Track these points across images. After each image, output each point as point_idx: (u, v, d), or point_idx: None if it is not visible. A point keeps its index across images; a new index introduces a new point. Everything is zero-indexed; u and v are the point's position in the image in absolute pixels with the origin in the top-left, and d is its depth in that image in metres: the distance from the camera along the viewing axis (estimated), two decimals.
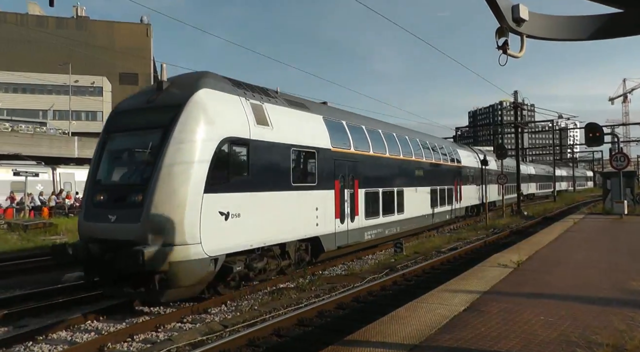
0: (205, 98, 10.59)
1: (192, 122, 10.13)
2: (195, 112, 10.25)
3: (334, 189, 15.05)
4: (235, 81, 12.40)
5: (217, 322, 9.70)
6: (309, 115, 14.60)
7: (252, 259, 11.61)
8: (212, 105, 10.61)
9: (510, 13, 5.33)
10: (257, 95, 12.54)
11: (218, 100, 10.95)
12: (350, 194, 16.11)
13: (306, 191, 13.65)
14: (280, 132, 12.57)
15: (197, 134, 10.07)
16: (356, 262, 16.74)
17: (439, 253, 18.26)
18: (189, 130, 10.04)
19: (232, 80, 12.28)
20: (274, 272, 12.99)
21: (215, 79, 11.52)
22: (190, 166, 9.81)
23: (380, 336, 6.41)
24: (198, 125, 10.13)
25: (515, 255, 12.27)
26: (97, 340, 8.47)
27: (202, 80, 11.06)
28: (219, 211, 10.29)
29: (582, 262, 11.78)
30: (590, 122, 26.98)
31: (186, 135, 9.97)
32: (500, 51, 5.53)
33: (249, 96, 12.05)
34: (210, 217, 10.07)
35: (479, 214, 32.92)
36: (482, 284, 9.45)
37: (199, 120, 10.20)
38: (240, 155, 11.22)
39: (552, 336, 6.25)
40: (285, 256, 13.16)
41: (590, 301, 8.00)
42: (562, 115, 52.11)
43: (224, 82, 11.77)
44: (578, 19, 5.62)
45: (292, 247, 13.38)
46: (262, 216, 11.64)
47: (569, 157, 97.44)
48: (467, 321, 7.00)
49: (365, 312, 10.14)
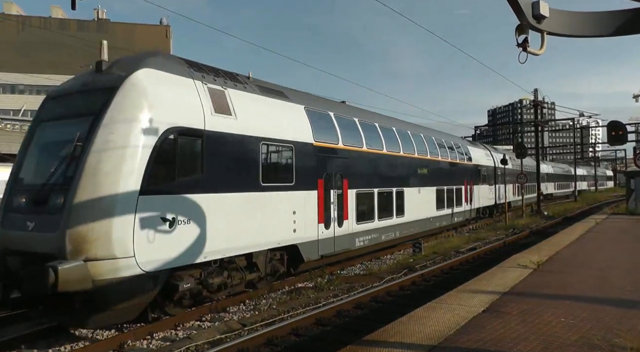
0: (145, 80, 8.94)
1: (127, 107, 8.53)
2: (131, 96, 8.66)
3: (316, 189, 13.18)
4: (193, 63, 10.70)
5: (236, 321, 9.75)
6: (287, 104, 12.73)
7: (208, 273, 9.94)
8: (154, 89, 8.95)
9: (531, 10, 5.27)
10: (219, 79, 10.79)
11: (164, 83, 9.28)
12: (338, 195, 14.25)
13: (280, 191, 11.79)
14: (247, 122, 10.84)
15: (133, 122, 8.43)
16: (374, 262, 16.69)
17: (458, 253, 18.11)
18: (122, 118, 8.44)
19: (188, 62, 10.58)
20: (239, 286, 11.12)
21: (164, 58, 9.98)
22: (121, 162, 8.16)
23: (399, 336, 6.38)
24: (134, 112, 8.52)
25: (535, 256, 12.11)
26: (117, 338, 8.59)
27: (146, 60, 9.40)
28: (160, 217, 8.60)
29: (604, 264, 11.57)
30: (613, 120, 26.37)
31: (119, 123, 8.38)
32: (520, 49, 5.47)
33: (207, 80, 10.32)
34: (149, 225, 8.40)
35: (492, 216, 31.90)
36: (502, 285, 9.34)
37: (136, 106, 8.58)
38: (191, 148, 9.46)
39: (573, 338, 6.15)
40: (253, 267, 11.32)
41: (613, 303, 7.85)
42: (584, 113, 51.19)
43: (175, 62, 10.13)
44: (600, 15, 5.52)
45: (262, 258, 11.45)
46: (220, 222, 9.90)
47: (590, 156, 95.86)
48: (486, 322, 6.93)
49: (384, 312, 10.11)
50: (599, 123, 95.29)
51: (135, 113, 8.54)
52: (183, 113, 9.35)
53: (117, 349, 8.31)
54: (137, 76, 8.90)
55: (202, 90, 10.00)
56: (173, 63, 10.01)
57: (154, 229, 8.52)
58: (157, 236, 8.54)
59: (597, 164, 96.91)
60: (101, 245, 7.81)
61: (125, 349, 8.32)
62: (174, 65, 9.96)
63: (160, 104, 8.96)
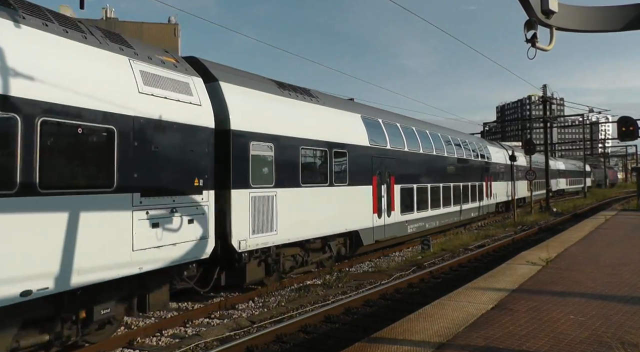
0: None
1: None
2: None
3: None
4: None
5: (245, 318, 9.79)
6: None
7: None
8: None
9: (539, 5, 5.23)
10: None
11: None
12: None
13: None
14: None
15: None
16: (383, 259, 16.69)
17: (467, 250, 18.06)
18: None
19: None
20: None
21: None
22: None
23: (408, 333, 6.38)
24: None
25: (544, 253, 12.06)
26: (127, 335, 8.64)
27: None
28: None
29: (614, 261, 11.50)
30: (624, 116, 26.22)
31: None
32: (529, 44, 5.43)
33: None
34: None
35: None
36: (511, 282, 9.31)
37: None
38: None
39: (583, 335, 6.12)
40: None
41: (623, 301, 7.81)
42: (593, 109, 50.74)
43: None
44: (610, 10, 5.47)
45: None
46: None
47: (600, 152, 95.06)
48: (495, 319, 6.91)
49: (392, 310, 10.11)
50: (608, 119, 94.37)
51: None
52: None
53: (127, 345, 8.37)
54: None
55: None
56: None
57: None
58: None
59: (607, 160, 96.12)
60: None
61: (135, 346, 8.38)
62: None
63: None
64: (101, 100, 7.56)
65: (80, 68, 7.36)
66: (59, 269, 6.82)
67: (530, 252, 12.94)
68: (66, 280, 6.90)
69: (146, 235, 8.09)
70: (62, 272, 6.85)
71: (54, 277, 6.73)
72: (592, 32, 5.70)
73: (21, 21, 6.79)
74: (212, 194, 9.56)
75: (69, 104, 7.05)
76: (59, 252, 6.81)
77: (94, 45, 7.81)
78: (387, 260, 16.55)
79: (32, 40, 6.82)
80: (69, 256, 6.93)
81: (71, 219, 7.02)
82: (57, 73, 6.97)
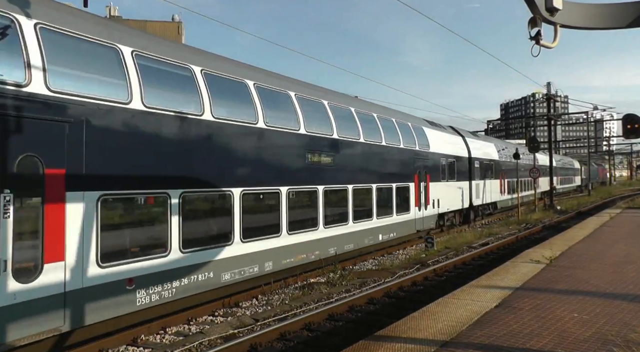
0: None
1: None
2: None
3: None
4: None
5: (249, 316, 9.81)
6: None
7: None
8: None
9: (543, 2, 5.20)
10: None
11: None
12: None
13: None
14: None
15: None
16: (387, 257, 16.68)
17: (470, 248, 18.03)
18: None
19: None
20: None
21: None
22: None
23: (411, 331, 6.38)
24: None
25: (547, 251, 12.04)
26: (131, 332, 8.67)
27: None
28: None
29: (618, 259, 11.46)
30: (629, 113, 26.17)
31: None
32: (533, 42, 5.41)
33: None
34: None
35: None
36: (514, 280, 9.29)
37: None
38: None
39: (587, 334, 6.11)
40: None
41: (628, 299, 7.78)
42: (597, 106, 50.63)
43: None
44: (615, 7, 5.44)
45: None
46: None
47: (604, 150, 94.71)
48: (499, 317, 6.90)
49: (396, 308, 10.11)
50: (613, 116, 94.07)
51: None
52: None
53: (131, 343, 8.41)
54: None
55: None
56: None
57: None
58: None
59: (612, 158, 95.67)
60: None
61: (139, 344, 8.41)
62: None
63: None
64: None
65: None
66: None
67: (534, 250, 12.92)
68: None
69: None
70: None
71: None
72: (596, 29, 5.67)
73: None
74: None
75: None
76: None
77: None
78: (391, 258, 16.55)
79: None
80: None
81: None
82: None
